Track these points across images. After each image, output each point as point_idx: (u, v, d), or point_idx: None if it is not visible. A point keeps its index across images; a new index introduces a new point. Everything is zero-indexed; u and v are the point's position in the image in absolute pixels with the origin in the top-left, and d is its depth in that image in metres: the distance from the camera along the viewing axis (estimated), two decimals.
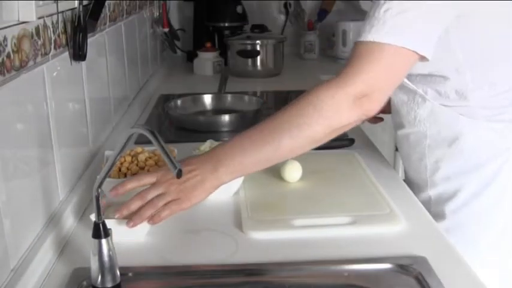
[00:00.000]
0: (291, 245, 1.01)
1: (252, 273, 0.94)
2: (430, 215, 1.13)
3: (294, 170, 1.27)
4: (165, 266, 0.96)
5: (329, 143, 1.48)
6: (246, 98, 1.91)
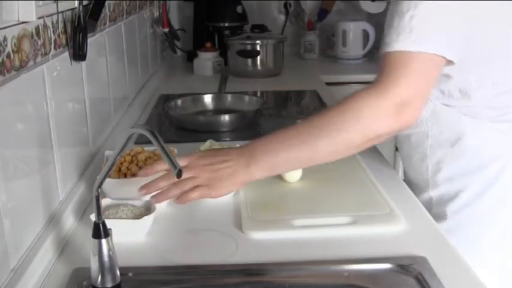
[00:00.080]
0: (291, 245, 1.01)
1: (252, 273, 0.94)
2: (431, 216, 1.13)
3: (294, 170, 1.26)
4: (165, 266, 0.96)
5: None
6: (246, 98, 1.91)
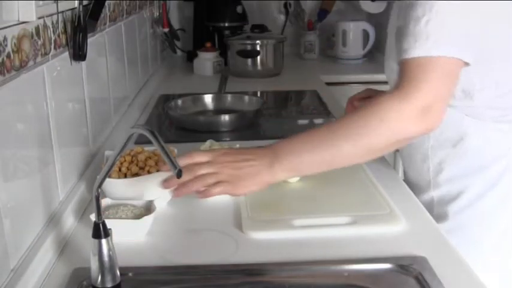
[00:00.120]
0: (291, 245, 1.01)
1: (252, 273, 0.94)
2: (433, 216, 1.13)
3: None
4: (165, 266, 0.96)
5: None
6: (246, 98, 1.91)
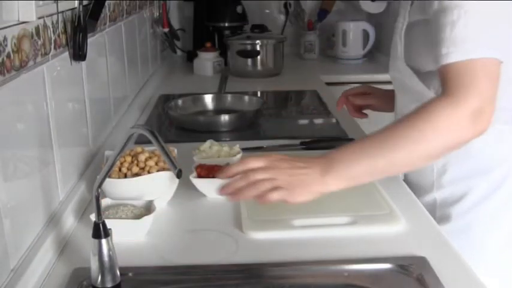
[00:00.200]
0: (291, 245, 1.01)
1: (252, 273, 0.94)
2: (435, 218, 1.13)
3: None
4: (165, 266, 0.96)
5: (329, 143, 1.50)
6: (246, 98, 1.91)
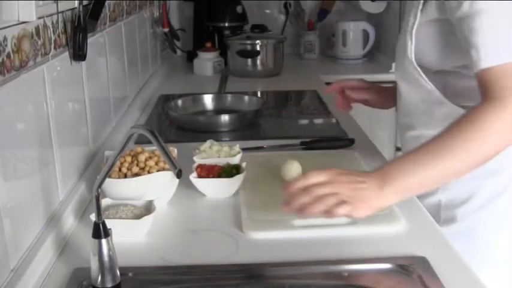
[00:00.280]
0: (291, 245, 1.01)
1: (252, 273, 0.94)
2: (440, 219, 1.12)
3: (293, 170, 1.26)
4: (165, 266, 0.96)
5: (329, 143, 1.51)
6: (246, 98, 1.91)
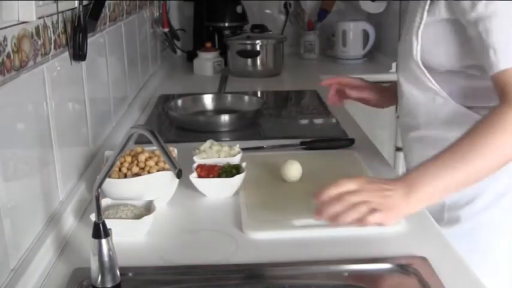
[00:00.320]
0: (291, 245, 1.01)
1: (252, 273, 0.94)
2: (443, 220, 1.12)
3: (294, 170, 1.27)
4: (165, 266, 0.96)
5: (329, 143, 1.51)
6: (246, 98, 1.91)
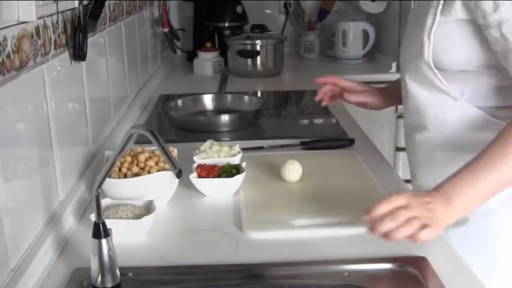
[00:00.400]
0: (291, 245, 1.01)
1: (252, 273, 0.94)
2: None
3: (293, 170, 1.27)
4: (165, 266, 0.96)
5: (329, 143, 1.51)
6: (246, 98, 1.91)
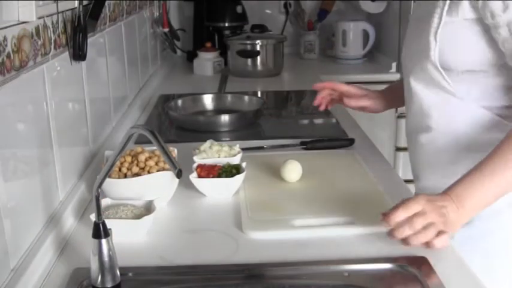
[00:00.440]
0: (291, 245, 1.01)
1: (252, 273, 0.94)
2: None
3: (293, 170, 1.27)
4: (165, 266, 0.96)
5: (329, 143, 1.51)
6: (246, 98, 1.91)
